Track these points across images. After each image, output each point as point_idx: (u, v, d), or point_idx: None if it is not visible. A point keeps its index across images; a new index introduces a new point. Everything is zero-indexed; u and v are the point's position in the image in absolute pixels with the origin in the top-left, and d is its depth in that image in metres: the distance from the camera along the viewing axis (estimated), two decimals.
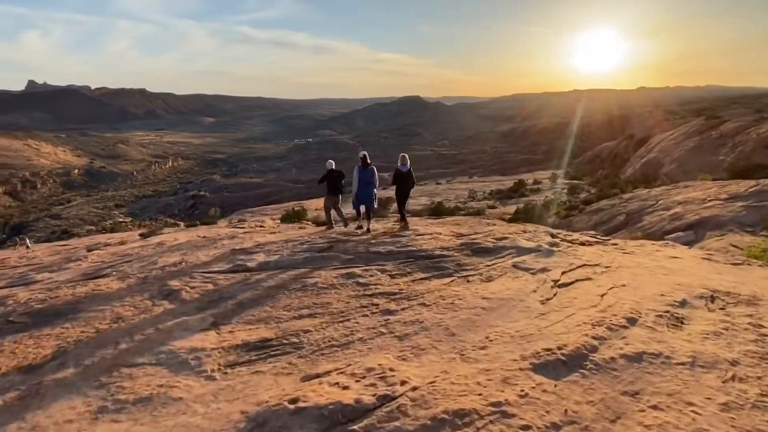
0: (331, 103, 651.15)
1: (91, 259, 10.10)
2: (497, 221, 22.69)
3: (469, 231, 9.28)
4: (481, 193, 57.63)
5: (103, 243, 20.45)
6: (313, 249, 7.64)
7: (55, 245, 29.86)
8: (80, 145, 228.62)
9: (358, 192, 9.85)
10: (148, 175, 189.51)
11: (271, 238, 9.06)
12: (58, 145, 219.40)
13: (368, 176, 9.80)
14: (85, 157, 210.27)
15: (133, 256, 9.66)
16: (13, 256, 22.53)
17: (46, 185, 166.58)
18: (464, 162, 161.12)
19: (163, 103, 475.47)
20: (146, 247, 11.24)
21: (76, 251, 18.98)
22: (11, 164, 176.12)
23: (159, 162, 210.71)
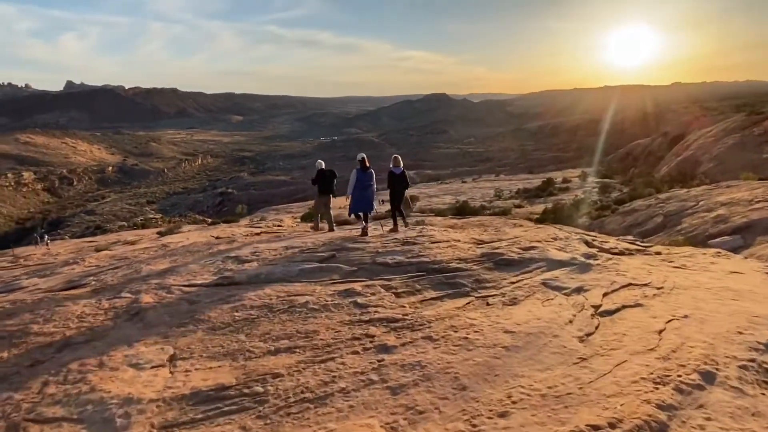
0: (356, 101, 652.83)
1: (86, 263, 9.54)
2: (524, 222, 21.32)
3: (492, 237, 8.31)
4: (507, 191, 55.91)
5: (116, 242, 20.22)
6: (313, 258, 6.77)
7: (82, 241, 30.14)
8: (114, 143, 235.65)
9: (356, 195, 9.43)
10: (178, 173, 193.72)
11: (273, 245, 8.27)
12: (94, 143, 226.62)
13: (367, 179, 9.47)
14: (118, 155, 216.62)
15: (127, 260, 9.06)
16: (38, 252, 22.62)
17: (82, 182, 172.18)
18: (491, 160, 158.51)
19: (193, 102, 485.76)
20: (148, 250, 10.63)
21: (90, 250, 18.73)
22: (50, 161, 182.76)
23: (189, 160, 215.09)
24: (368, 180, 9.50)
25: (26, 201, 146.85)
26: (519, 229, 11.89)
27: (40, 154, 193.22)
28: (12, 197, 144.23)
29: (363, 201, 9.46)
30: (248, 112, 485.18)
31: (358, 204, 9.50)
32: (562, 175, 66.36)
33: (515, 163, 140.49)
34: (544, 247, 7.27)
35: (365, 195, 9.44)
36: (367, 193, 9.44)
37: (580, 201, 33.91)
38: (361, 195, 9.41)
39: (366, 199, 9.46)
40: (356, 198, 9.45)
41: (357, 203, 9.50)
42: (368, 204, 9.50)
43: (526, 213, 31.29)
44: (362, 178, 9.46)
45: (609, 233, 20.86)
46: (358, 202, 9.48)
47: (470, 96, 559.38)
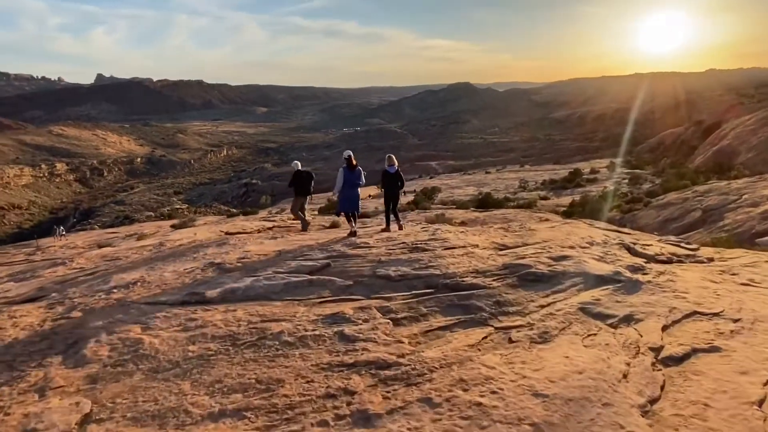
0: (379, 91, 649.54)
1: (73, 265, 8.83)
2: (550, 215, 19.86)
3: (516, 241, 7.27)
4: (532, 182, 54.02)
5: (133, 234, 19.80)
6: (304, 268, 5.84)
7: (105, 232, 30.05)
8: (143, 135, 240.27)
9: (343, 194, 9.07)
10: (204, 164, 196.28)
11: (267, 248, 7.38)
12: (123, 135, 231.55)
13: (354, 178, 9.11)
14: (147, 146, 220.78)
15: (116, 261, 8.34)
16: (57, 244, 22.46)
17: (112, 173, 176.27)
18: (515, 150, 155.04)
19: (219, 93, 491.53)
20: (143, 249, 9.83)
21: (112, 240, 18.35)
22: (81, 153, 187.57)
23: (214, 151, 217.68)
24: (356, 179, 9.14)
25: (59, 191, 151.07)
26: (545, 224, 10.67)
27: (72, 146, 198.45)
28: (46, 187, 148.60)
29: (350, 200, 9.13)
30: (272, 103, 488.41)
31: (345, 203, 9.16)
32: (589, 166, 63.89)
33: (541, 154, 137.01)
34: (579, 256, 6.20)
35: (352, 194, 9.11)
36: (354, 193, 9.13)
37: (609, 193, 32.10)
38: (348, 194, 9.07)
39: (353, 199, 9.16)
40: (343, 197, 9.12)
41: (344, 203, 9.17)
42: (354, 204, 9.18)
43: (552, 205, 29.67)
44: (349, 176, 9.06)
45: (642, 228, 19.32)
46: (345, 202, 9.14)
47: (495, 85, 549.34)
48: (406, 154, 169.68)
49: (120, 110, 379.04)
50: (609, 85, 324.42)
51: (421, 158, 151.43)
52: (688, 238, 17.43)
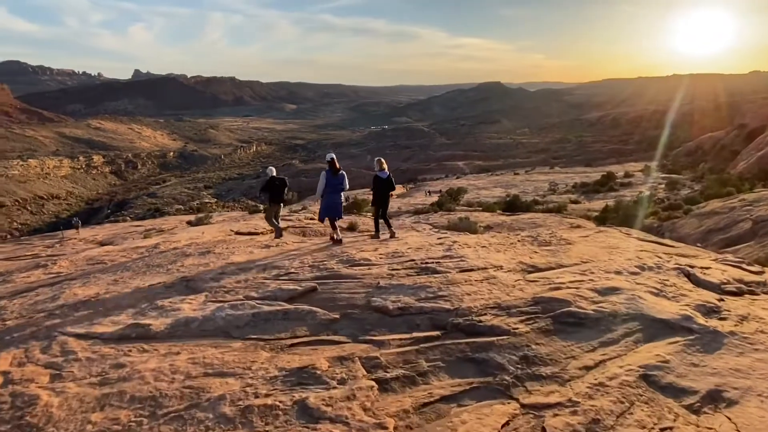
0: (408, 90, 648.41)
1: (56, 267, 8.11)
2: (582, 221, 18.26)
3: (548, 261, 6.06)
4: (563, 185, 51.90)
5: (150, 229, 19.35)
6: (283, 294, 4.94)
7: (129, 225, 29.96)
8: (176, 130, 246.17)
9: (326, 199, 8.59)
10: (234, 159, 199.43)
11: (251, 259, 6.44)
12: (157, 130, 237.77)
13: (337, 182, 8.61)
14: (180, 141, 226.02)
15: (101, 264, 7.78)
16: (77, 236, 22.32)
17: (146, 166, 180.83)
18: (545, 151, 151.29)
19: (250, 90, 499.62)
20: (132, 252, 9.02)
21: (126, 236, 17.90)
22: (117, 146, 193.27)
23: (244, 147, 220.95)
24: (338, 183, 8.62)
25: (95, 183, 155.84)
26: (577, 233, 9.37)
27: (108, 139, 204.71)
28: (83, 179, 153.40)
29: (332, 207, 8.65)
30: (301, 100, 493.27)
31: (328, 209, 8.66)
32: (623, 169, 61.17)
33: (572, 155, 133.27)
34: (631, 288, 4.88)
35: (335, 200, 8.63)
36: (336, 198, 8.65)
37: (645, 198, 30.06)
38: (330, 200, 8.59)
39: (335, 204, 8.68)
40: (325, 202, 8.64)
41: (326, 208, 8.67)
42: (337, 210, 8.73)
43: (583, 210, 27.88)
44: (332, 181, 8.53)
45: (683, 238, 17.60)
46: (328, 208, 8.65)
47: (526, 85, 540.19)
48: (433, 154, 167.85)
49: (155, 105, 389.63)
50: (645, 86, 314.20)
51: (449, 158, 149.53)
52: (737, 252, 15.65)
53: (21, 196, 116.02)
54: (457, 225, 11.31)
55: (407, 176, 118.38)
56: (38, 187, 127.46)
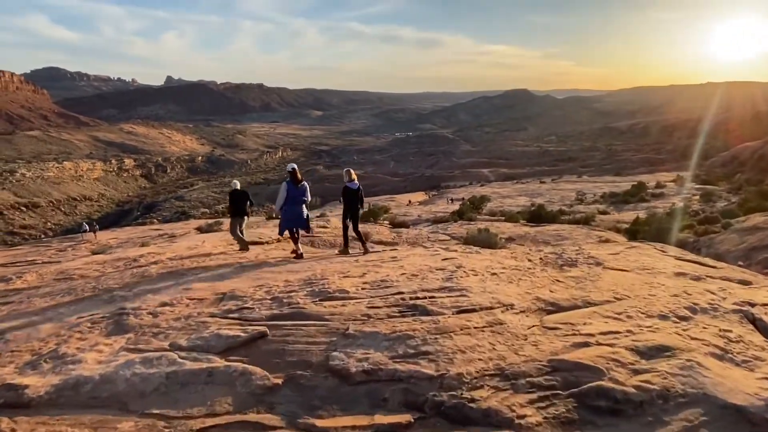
0: (433, 97, 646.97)
1: (16, 284, 7.67)
2: (611, 234, 17.79)
3: (572, 296, 5.08)
4: (590, 195, 50.89)
5: (162, 234, 19.42)
6: (220, 342, 4.04)
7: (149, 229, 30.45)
8: (204, 135, 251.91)
9: (286, 211, 8.28)
10: (260, 164, 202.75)
11: (218, 281, 6.08)
12: (187, 135, 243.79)
13: (299, 194, 8.34)
14: (208, 146, 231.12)
15: (68, 281, 7.34)
16: (94, 239, 23.00)
17: (175, 170, 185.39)
18: (573, 160, 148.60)
19: (277, 96, 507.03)
20: (111, 264, 8.55)
21: (141, 238, 18.15)
22: (148, 150, 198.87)
23: (270, 152, 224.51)
24: (300, 194, 8.35)
25: (126, 185, 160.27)
26: (606, 248, 9.02)
27: (140, 143, 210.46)
28: (114, 181, 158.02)
29: (294, 218, 8.32)
30: (327, 107, 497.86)
31: (290, 221, 8.34)
32: (654, 179, 59.57)
33: (600, 164, 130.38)
34: (685, 345, 3.85)
35: (296, 211, 8.31)
36: (298, 209, 8.32)
37: (679, 210, 29.16)
38: (291, 211, 8.28)
39: (298, 216, 8.34)
40: (286, 215, 8.32)
41: (288, 220, 8.35)
42: (300, 221, 8.39)
43: (613, 221, 27.24)
44: (293, 192, 8.26)
45: (722, 256, 16.84)
46: (289, 220, 8.33)
47: (554, 92, 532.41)
48: (457, 161, 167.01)
49: (185, 111, 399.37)
50: (678, 94, 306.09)
51: (473, 165, 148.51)
52: None
53: (55, 198, 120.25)
54: (475, 238, 10.96)
55: (430, 183, 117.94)
56: (72, 189, 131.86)
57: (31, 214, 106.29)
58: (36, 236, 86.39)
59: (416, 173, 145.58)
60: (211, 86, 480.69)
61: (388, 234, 13.82)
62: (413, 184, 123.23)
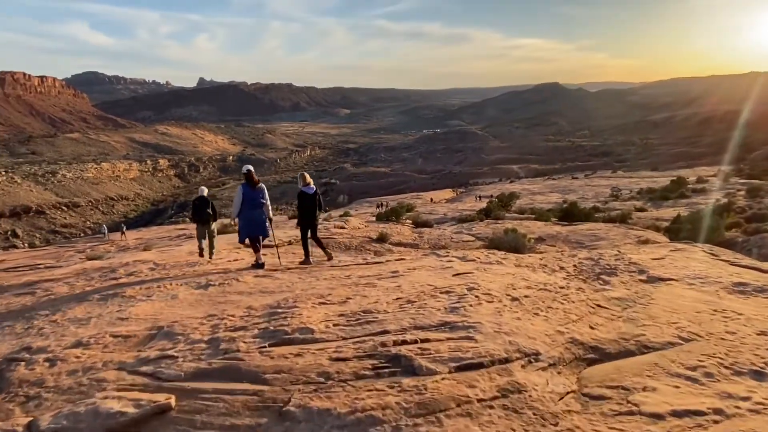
0: (461, 93, 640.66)
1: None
2: (651, 234, 16.60)
3: (622, 333, 3.89)
4: (626, 191, 48.79)
5: (164, 238, 19.26)
6: (94, 425, 2.56)
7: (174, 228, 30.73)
8: (235, 135, 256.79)
9: (243, 216, 7.51)
10: (289, 163, 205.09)
11: (158, 315, 4.90)
12: (218, 135, 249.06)
13: (256, 197, 7.56)
14: (239, 145, 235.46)
15: (31, 287, 6.89)
16: (124, 239, 23.34)
17: (207, 169, 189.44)
18: (607, 154, 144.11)
19: (306, 96, 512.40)
20: (87, 274, 7.89)
21: (162, 238, 18.18)
22: (181, 150, 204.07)
23: (299, 150, 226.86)
24: (258, 197, 7.56)
25: (161, 185, 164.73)
26: (648, 250, 8.16)
27: (174, 143, 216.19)
28: (149, 181, 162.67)
29: (253, 224, 7.55)
30: (355, 105, 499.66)
31: (248, 227, 7.57)
32: (693, 174, 56.74)
33: (636, 159, 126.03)
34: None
35: (254, 216, 7.54)
36: (256, 214, 7.56)
37: (723, 207, 27.34)
38: (249, 216, 7.53)
39: (256, 222, 7.57)
40: (244, 221, 7.57)
41: (246, 227, 7.58)
42: (260, 227, 7.60)
43: (651, 219, 25.73)
44: (250, 195, 7.51)
45: None
46: (247, 226, 7.57)
47: (587, 85, 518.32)
48: (486, 157, 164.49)
49: (217, 111, 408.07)
50: (718, 84, 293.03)
51: (503, 161, 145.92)
52: None
53: (94, 197, 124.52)
54: (501, 240, 10.02)
55: (458, 180, 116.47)
56: (109, 189, 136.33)
57: (72, 214, 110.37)
58: (76, 234, 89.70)
59: (444, 170, 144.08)
60: (242, 87, 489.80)
61: (410, 234, 13.15)
62: (441, 181, 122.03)
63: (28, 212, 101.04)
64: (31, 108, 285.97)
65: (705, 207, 28.84)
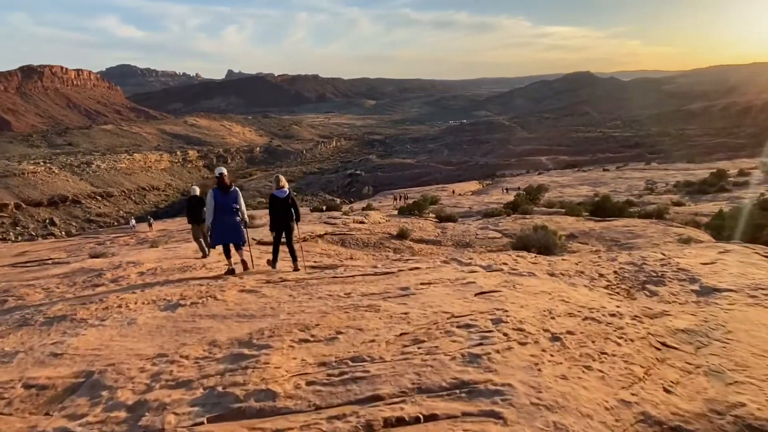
0: (489, 83, 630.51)
1: None
2: (693, 231, 15.48)
3: (709, 391, 2.98)
4: (662, 184, 46.88)
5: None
6: None
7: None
8: (262, 126, 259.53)
9: (216, 223, 7.16)
10: (315, 154, 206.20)
11: (109, 339, 4.31)
12: (246, 126, 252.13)
13: (229, 201, 7.23)
14: (265, 137, 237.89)
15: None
16: (150, 231, 23.64)
17: (235, 160, 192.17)
18: (640, 146, 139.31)
19: (332, 87, 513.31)
20: (60, 279, 7.58)
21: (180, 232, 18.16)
22: (210, 142, 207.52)
23: (324, 142, 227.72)
24: (230, 202, 7.24)
25: (190, 176, 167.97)
26: (693, 253, 7.38)
27: (203, 135, 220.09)
28: (179, 172, 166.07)
29: (226, 230, 7.22)
30: (380, 96, 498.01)
31: (222, 234, 7.25)
32: (734, 166, 54.11)
33: (671, 150, 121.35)
34: None
35: (227, 222, 7.20)
36: (230, 220, 7.22)
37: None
38: (223, 222, 7.20)
39: (229, 228, 7.22)
40: (217, 227, 7.23)
41: (219, 233, 7.26)
42: (234, 233, 7.25)
43: (689, 214, 24.44)
44: (221, 200, 7.19)
45: None
46: (221, 233, 7.24)
47: (619, 74, 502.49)
48: (513, 148, 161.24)
49: (245, 103, 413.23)
50: (760, 72, 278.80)
51: (531, 153, 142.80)
52: None
53: (127, 187, 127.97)
54: (530, 238, 9.27)
55: (485, 172, 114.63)
56: (141, 179, 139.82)
57: (106, 203, 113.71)
58: (110, 223, 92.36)
59: (470, 161, 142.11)
60: (269, 78, 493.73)
61: (432, 230, 12.61)
62: (467, 172, 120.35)
63: (65, 201, 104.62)
64: (68, 100, 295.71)
65: (748, 202, 27.22)
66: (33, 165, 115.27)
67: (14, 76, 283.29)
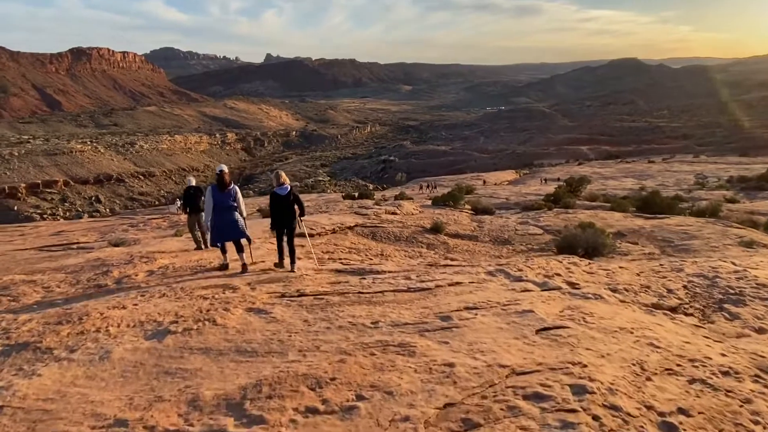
0: (529, 69, 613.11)
1: None
2: (753, 232, 14.28)
3: None
4: (713, 178, 44.26)
5: None
6: None
7: None
8: (299, 110, 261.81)
9: (215, 220, 7.09)
10: (349, 139, 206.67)
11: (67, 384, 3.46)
12: (283, 110, 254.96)
13: (227, 199, 7.15)
14: (302, 121, 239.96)
15: None
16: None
17: (271, 144, 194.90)
18: (689, 137, 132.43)
19: (368, 72, 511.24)
20: (65, 275, 7.24)
21: None
22: (248, 125, 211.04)
23: (359, 127, 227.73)
24: (226, 200, 7.15)
25: (228, 158, 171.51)
26: (766, 262, 6.62)
27: (241, 118, 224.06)
28: (218, 154, 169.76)
29: (225, 228, 7.11)
30: (417, 81, 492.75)
31: (220, 232, 7.15)
32: None
33: (722, 142, 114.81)
34: None
35: (225, 220, 7.11)
36: (228, 217, 7.12)
37: None
38: (220, 220, 7.10)
39: (228, 225, 7.12)
40: (216, 225, 7.13)
41: (218, 232, 7.16)
42: (233, 230, 7.14)
43: (745, 212, 22.77)
44: (218, 198, 7.09)
45: None
46: (220, 231, 7.14)
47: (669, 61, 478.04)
48: (553, 137, 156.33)
49: (282, 87, 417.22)
50: None
51: (571, 142, 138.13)
52: None
53: (168, 168, 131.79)
54: (577, 237, 8.41)
55: (522, 160, 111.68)
56: (182, 160, 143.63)
57: (148, 183, 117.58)
58: (151, 203, 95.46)
59: (507, 150, 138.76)
60: (307, 63, 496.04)
61: (468, 224, 12.01)
62: (503, 161, 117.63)
63: (109, 180, 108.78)
64: (114, 82, 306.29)
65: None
66: (81, 144, 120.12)
67: (65, 58, 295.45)
